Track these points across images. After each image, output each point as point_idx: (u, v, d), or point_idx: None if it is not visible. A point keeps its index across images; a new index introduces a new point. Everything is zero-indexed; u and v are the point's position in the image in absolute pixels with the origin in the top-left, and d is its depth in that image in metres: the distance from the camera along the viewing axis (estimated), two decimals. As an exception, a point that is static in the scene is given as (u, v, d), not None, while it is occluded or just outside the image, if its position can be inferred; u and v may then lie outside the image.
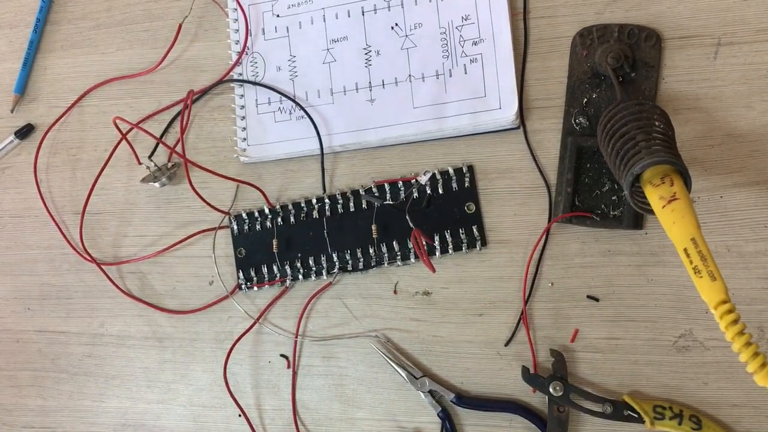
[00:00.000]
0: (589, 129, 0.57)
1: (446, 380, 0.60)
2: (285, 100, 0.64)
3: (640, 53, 0.57)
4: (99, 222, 0.68)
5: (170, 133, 0.67)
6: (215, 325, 0.65)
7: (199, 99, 0.66)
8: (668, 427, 0.54)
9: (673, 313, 0.56)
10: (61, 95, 0.70)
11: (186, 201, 0.66)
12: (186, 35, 0.67)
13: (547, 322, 0.58)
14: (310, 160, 0.64)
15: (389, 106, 0.61)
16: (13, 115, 0.71)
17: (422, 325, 0.61)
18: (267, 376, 0.64)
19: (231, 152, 0.65)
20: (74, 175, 0.69)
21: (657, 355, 0.56)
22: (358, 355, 0.62)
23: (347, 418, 0.62)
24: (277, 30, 0.65)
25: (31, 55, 0.71)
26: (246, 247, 0.64)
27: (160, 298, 0.66)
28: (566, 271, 0.58)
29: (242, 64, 0.65)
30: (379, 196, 0.61)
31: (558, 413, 0.56)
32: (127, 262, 0.67)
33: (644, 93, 0.56)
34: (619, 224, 0.56)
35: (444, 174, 0.60)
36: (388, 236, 0.61)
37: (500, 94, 0.59)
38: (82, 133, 0.69)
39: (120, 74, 0.69)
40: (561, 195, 0.57)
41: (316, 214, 0.63)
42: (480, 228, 0.59)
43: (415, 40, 0.61)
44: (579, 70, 0.58)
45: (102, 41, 0.69)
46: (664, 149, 0.47)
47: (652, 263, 0.56)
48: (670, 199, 0.45)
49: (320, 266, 0.62)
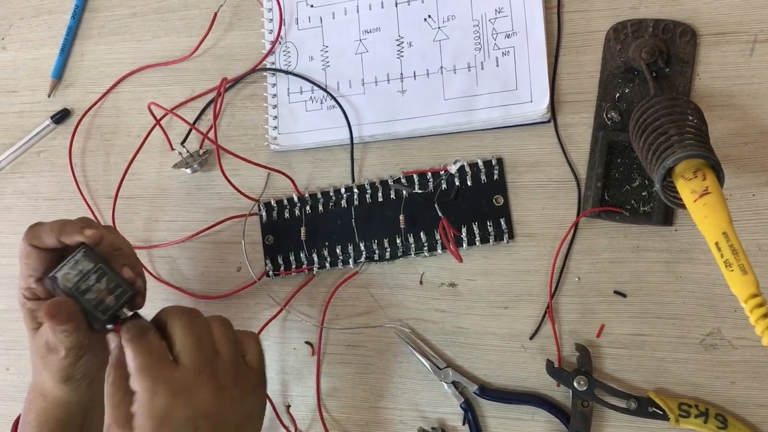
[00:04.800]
0: (620, 124, 0.57)
1: (470, 372, 0.60)
2: (316, 90, 0.64)
3: (675, 49, 0.56)
4: (131, 206, 0.69)
5: (202, 121, 0.68)
6: (242, 311, 0.66)
7: (232, 87, 0.67)
8: (693, 425, 0.53)
9: (702, 310, 0.55)
10: (97, 81, 0.71)
11: (216, 188, 0.67)
12: (221, 24, 0.68)
13: (573, 316, 0.58)
14: (339, 150, 0.64)
15: (420, 97, 0.62)
16: (50, 100, 0.72)
17: (447, 316, 0.61)
18: (291, 363, 0.64)
19: (262, 140, 0.66)
20: (108, 160, 0.70)
21: (684, 352, 0.56)
22: (383, 344, 0.62)
23: (370, 407, 0.62)
24: (310, 20, 0.65)
25: (69, 41, 0.72)
26: (274, 234, 0.65)
27: (188, 282, 0.67)
28: (594, 266, 0.58)
29: (275, 53, 0.66)
30: (407, 186, 0.62)
31: (582, 408, 0.56)
32: (157, 247, 0.68)
33: (678, 89, 0.56)
34: (649, 220, 0.56)
35: (473, 166, 0.60)
36: (415, 227, 0.61)
37: (532, 88, 0.59)
38: (116, 119, 0.70)
39: (155, 61, 0.70)
40: (590, 189, 0.57)
41: (344, 203, 0.63)
42: (508, 221, 0.59)
43: (448, 32, 0.61)
44: (612, 65, 0.58)
45: (138, 29, 0.71)
46: (697, 143, 0.47)
47: (681, 260, 0.56)
48: (702, 193, 0.45)
49: (347, 255, 0.63)
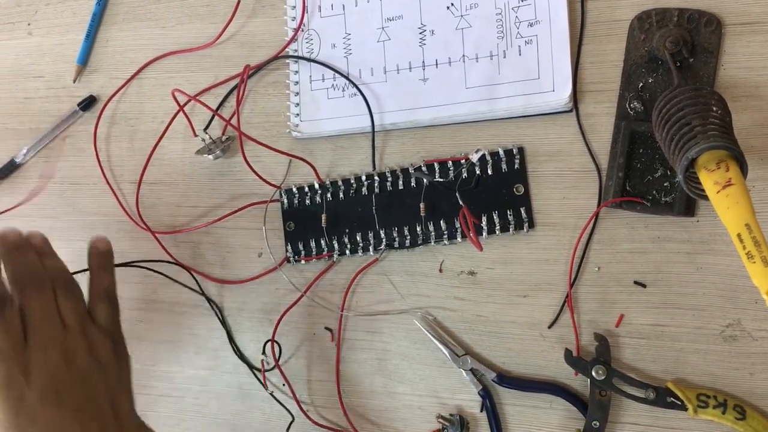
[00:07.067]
0: (643, 114, 0.57)
1: (488, 359, 0.61)
2: (338, 77, 0.65)
3: (700, 39, 0.56)
4: (154, 191, 0.70)
5: (225, 107, 0.68)
6: (262, 296, 0.67)
7: (255, 74, 0.68)
8: (712, 415, 0.54)
9: (722, 302, 0.55)
10: (122, 67, 0.72)
11: (238, 174, 0.68)
12: (244, 11, 0.68)
13: (592, 306, 0.58)
14: (360, 138, 0.65)
15: (442, 85, 0.62)
16: (76, 85, 0.73)
17: (466, 304, 0.61)
18: (310, 348, 0.65)
19: (283, 127, 0.67)
20: (132, 145, 0.71)
21: (703, 343, 0.56)
22: (402, 331, 0.63)
23: (388, 392, 0.63)
24: (333, 7, 0.65)
25: (94, 27, 0.73)
26: (295, 220, 0.65)
27: (210, 267, 0.68)
28: (614, 256, 0.58)
29: (298, 40, 0.66)
30: (428, 174, 0.62)
31: (600, 397, 0.56)
32: (179, 232, 0.69)
33: (702, 79, 0.56)
34: (670, 211, 0.56)
35: (494, 155, 0.60)
36: (435, 215, 0.62)
37: (554, 77, 0.59)
38: (140, 105, 0.71)
39: (179, 48, 0.70)
40: (612, 179, 0.57)
41: (365, 190, 0.64)
42: (528, 210, 0.60)
43: (470, 20, 0.61)
44: (636, 54, 0.57)
45: (162, 15, 0.71)
46: (720, 134, 0.47)
47: (703, 251, 0.56)
48: (725, 185, 0.45)
49: (367, 242, 0.63)
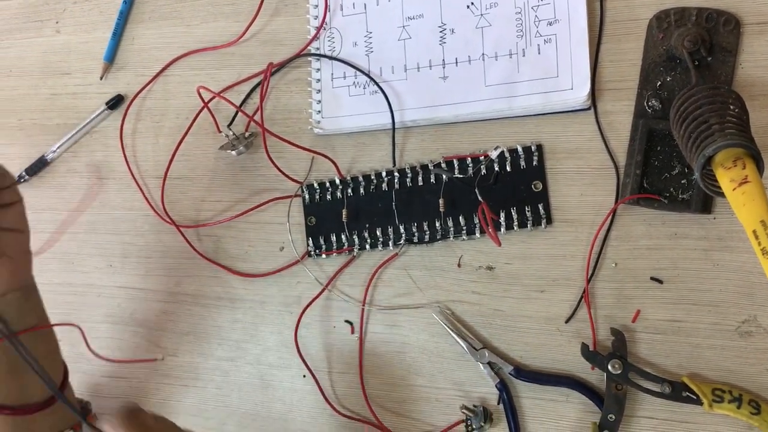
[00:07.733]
0: (661, 112, 0.57)
1: (505, 353, 0.61)
2: (360, 75, 0.66)
3: (718, 38, 0.56)
4: (178, 186, 0.72)
5: (248, 104, 0.70)
6: (284, 290, 0.68)
7: (277, 72, 0.69)
8: (727, 410, 0.54)
9: (738, 298, 0.56)
10: (148, 64, 0.74)
11: (261, 170, 0.69)
12: (267, 9, 0.70)
13: (609, 301, 0.59)
14: (381, 134, 0.66)
15: (461, 83, 0.63)
16: (102, 82, 0.75)
17: (484, 299, 0.62)
18: (331, 341, 0.66)
19: (305, 124, 0.68)
20: (157, 141, 0.73)
21: (719, 339, 0.56)
22: (421, 324, 0.64)
23: (407, 385, 0.64)
24: (354, 6, 0.67)
25: (121, 25, 0.75)
26: (316, 215, 0.67)
27: (233, 261, 0.70)
28: (631, 252, 0.59)
29: (320, 38, 0.68)
30: (448, 170, 0.63)
31: (616, 391, 0.57)
32: (203, 226, 0.71)
33: (720, 78, 0.56)
34: (687, 207, 0.56)
35: (513, 152, 0.61)
36: (454, 211, 0.63)
37: (573, 75, 0.59)
38: (165, 102, 0.73)
39: (203, 46, 0.72)
40: (629, 177, 0.58)
41: (385, 186, 0.65)
42: (546, 206, 0.60)
43: (490, 19, 0.62)
44: (654, 53, 0.58)
45: (187, 14, 0.73)
46: (737, 132, 0.47)
47: (719, 248, 0.56)
48: (741, 182, 0.46)
49: (387, 237, 0.64)
